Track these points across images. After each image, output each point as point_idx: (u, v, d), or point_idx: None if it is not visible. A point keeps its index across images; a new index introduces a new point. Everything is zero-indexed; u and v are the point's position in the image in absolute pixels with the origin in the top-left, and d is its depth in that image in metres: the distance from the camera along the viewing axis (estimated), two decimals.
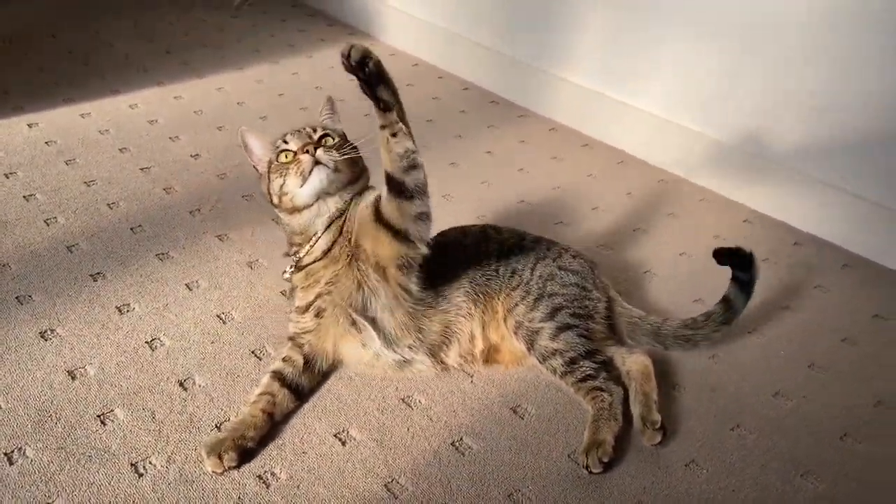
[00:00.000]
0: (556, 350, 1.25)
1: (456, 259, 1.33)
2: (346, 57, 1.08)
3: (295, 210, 1.26)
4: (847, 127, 1.73)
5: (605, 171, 2.09)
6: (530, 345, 1.27)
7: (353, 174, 1.26)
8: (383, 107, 1.12)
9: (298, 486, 1.08)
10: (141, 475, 1.07)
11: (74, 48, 2.51)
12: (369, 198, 1.24)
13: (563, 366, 1.24)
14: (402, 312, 1.24)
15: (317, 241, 1.25)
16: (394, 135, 1.13)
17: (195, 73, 2.43)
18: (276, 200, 1.27)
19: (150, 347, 1.31)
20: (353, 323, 1.24)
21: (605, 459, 1.13)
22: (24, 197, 1.69)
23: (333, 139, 1.26)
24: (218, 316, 1.40)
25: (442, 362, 1.29)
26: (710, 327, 1.36)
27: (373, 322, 1.24)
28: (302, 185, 1.22)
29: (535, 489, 1.11)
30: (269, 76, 2.46)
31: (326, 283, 1.25)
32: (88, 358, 1.28)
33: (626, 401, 1.23)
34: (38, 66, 2.36)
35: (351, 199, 1.26)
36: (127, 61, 2.47)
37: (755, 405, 1.30)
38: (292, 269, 1.29)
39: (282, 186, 1.24)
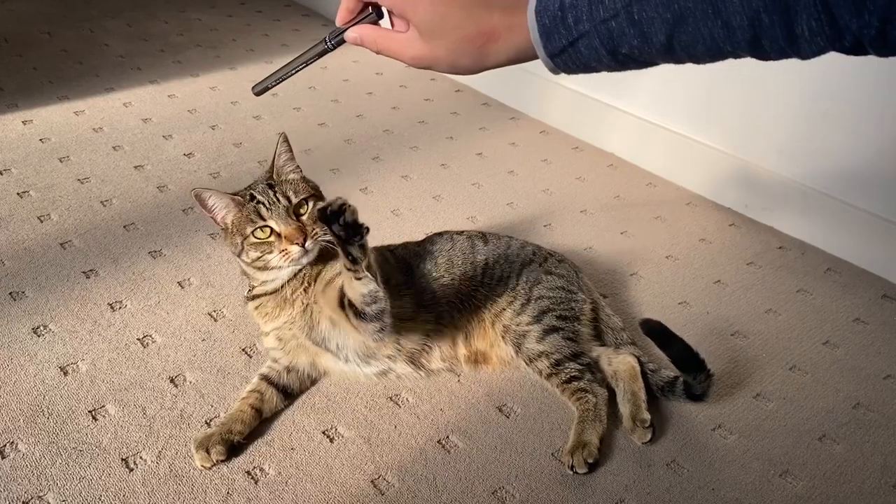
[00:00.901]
0: (542, 352, 1.27)
1: (445, 271, 1.34)
2: (324, 209, 1.00)
3: (266, 270, 1.20)
4: (832, 133, 1.76)
5: (594, 174, 2.11)
6: (517, 348, 1.29)
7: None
8: (352, 260, 1.07)
9: (286, 482, 1.10)
10: (131, 470, 1.09)
11: (69, 47, 2.52)
12: (337, 281, 1.16)
13: (548, 367, 1.26)
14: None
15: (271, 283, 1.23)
16: (359, 278, 1.10)
17: (189, 72, 2.44)
18: (245, 258, 1.20)
19: (142, 344, 1.33)
20: (320, 346, 1.24)
21: (591, 461, 1.15)
22: (17, 194, 1.71)
23: (307, 204, 1.19)
24: (209, 314, 1.42)
25: (423, 367, 1.30)
26: (653, 378, 1.31)
27: (336, 349, 1.24)
28: (286, 265, 1.18)
29: (520, 486, 1.13)
30: (263, 76, 2.47)
31: (285, 322, 1.23)
32: (80, 354, 1.29)
33: (610, 402, 1.25)
34: (33, 64, 2.37)
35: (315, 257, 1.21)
36: (121, 60, 2.48)
37: (736, 406, 1.32)
38: (247, 297, 1.27)
39: (258, 258, 1.18)
